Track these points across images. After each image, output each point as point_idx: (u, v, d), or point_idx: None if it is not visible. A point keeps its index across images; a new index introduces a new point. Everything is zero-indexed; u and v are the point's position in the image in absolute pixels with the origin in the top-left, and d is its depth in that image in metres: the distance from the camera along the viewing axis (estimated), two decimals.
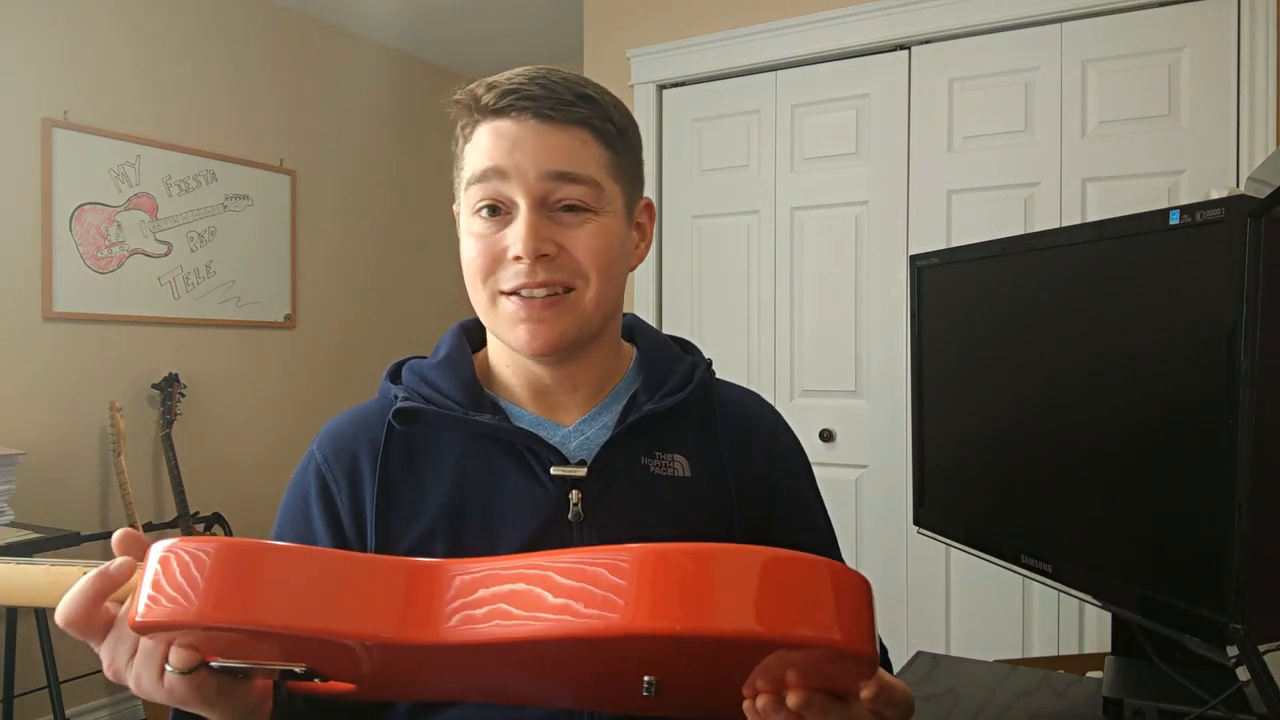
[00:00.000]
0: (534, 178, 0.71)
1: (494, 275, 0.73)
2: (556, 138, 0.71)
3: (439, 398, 0.78)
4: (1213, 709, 0.94)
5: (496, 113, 0.72)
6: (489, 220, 0.73)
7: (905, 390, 2.39)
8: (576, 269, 0.72)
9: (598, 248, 0.73)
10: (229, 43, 3.30)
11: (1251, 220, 0.73)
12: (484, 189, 0.72)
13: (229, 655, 0.56)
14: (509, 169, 0.71)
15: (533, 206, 0.71)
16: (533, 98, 0.71)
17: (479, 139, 0.74)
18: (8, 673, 2.56)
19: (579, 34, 3.14)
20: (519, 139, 0.71)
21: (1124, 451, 0.91)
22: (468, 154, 0.75)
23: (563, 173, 0.71)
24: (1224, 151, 2.19)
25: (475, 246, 0.74)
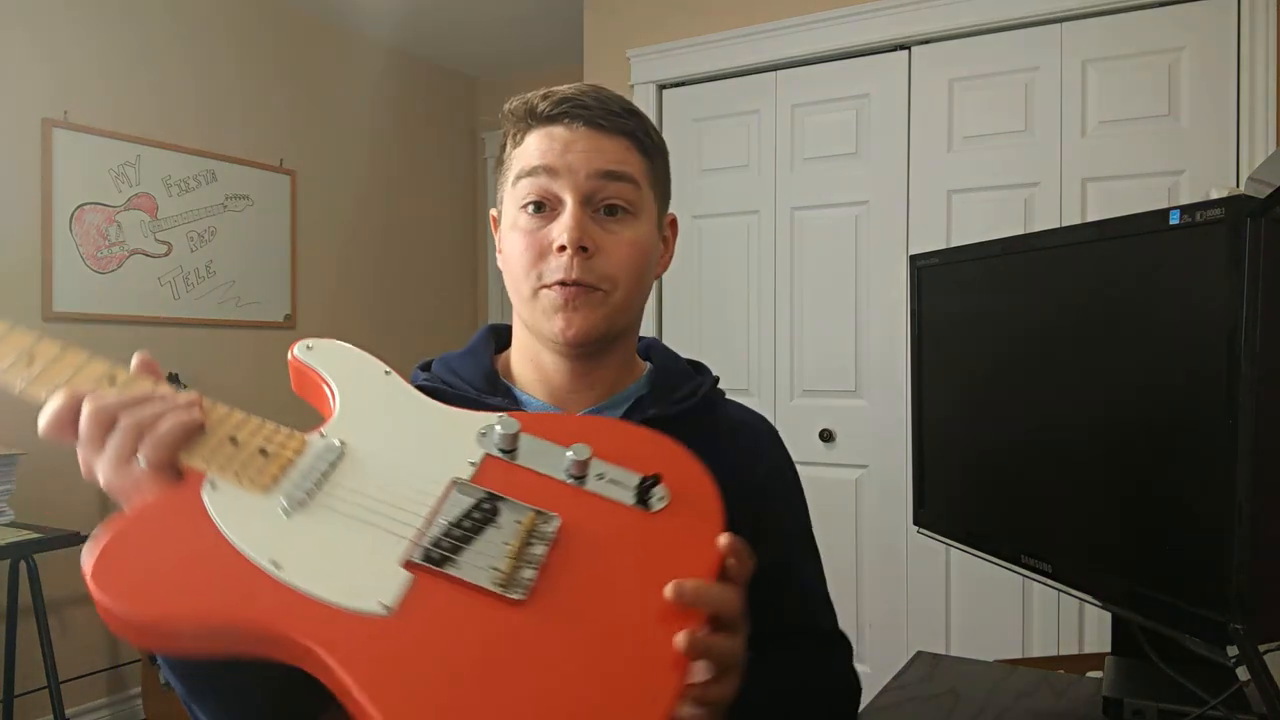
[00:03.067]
0: (584, 176, 0.77)
1: (538, 268, 0.78)
2: (606, 143, 0.78)
3: (458, 382, 0.84)
4: (1213, 709, 0.94)
5: (550, 119, 0.79)
6: (535, 216, 0.78)
7: (905, 390, 2.39)
8: (608, 272, 0.77)
9: (632, 254, 0.79)
10: (229, 43, 3.30)
11: (1251, 220, 0.73)
12: (533, 183, 0.78)
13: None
14: (560, 167, 0.77)
15: (579, 202, 0.77)
16: (586, 107, 0.78)
17: (530, 142, 0.80)
18: (8, 673, 2.56)
19: (579, 34, 3.14)
20: (571, 142, 0.78)
21: (1124, 451, 0.91)
22: (516, 156, 0.81)
23: (611, 171, 0.78)
24: (1224, 151, 2.19)
25: (522, 241, 0.79)
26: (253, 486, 0.62)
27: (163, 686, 2.65)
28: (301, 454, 0.64)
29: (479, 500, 0.64)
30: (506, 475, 0.66)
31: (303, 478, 0.63)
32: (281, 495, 0.62)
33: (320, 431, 0.67)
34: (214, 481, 0.61)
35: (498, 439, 0.67)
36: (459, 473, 0.66)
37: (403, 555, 0.61)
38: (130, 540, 0.58)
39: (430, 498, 0.64)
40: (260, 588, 0.58)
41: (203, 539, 0.59)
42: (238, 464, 0.62)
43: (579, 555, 0.63)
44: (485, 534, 0.62)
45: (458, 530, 0.62)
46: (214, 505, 0.60)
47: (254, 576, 0.58)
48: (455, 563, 0.61)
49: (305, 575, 0.58)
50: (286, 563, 0.59)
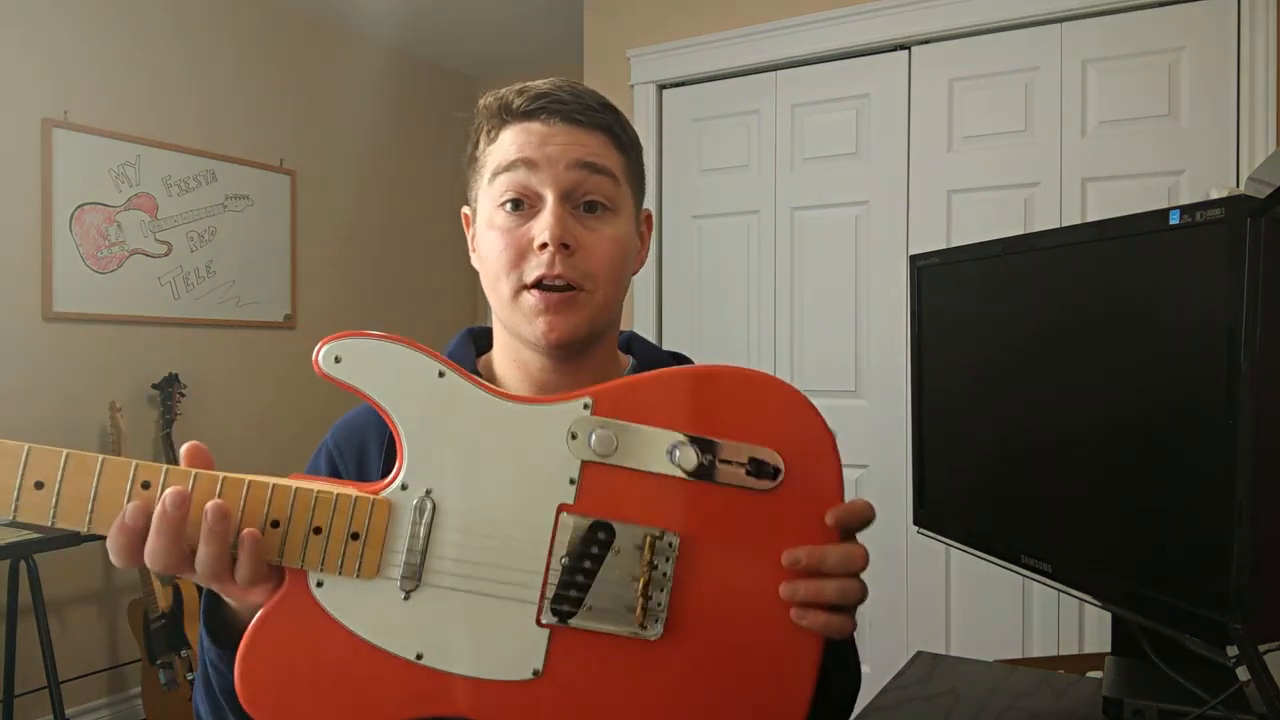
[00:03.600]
0: (564, 167, 0.75)
1: (519, 268, 0.75)
2: (584, 137, 0.77)
3: None
4: (1213, 709, 0.94)
5: (526, 115, 0.77)
6: (513, 214, 0.76)
7: (905, 390, 2.39)
8: (590, 270, 0.76)
9: (612, 252, 0.77)
10: (229, 43, 3.30)
11: (1251, 220, 0.73)
12: (511, 179, 0.76)
13: None
14: (539, 160, 0.75)
15: (559, 198, 0.75)
16: (563, 102, 0.77)
17: (505, 138, 0.78)
18: (8, 673, 2.56)
19: (579, 34, 3.14)
20: (549, 135, 0.76)
21: (1124, 451, 0.91)
22: (491, 153, 0.79)
23: (590, 163, 0.76)
24: (1224, 151, 2.19)
25: (500, 240, 0.76)
26: (360, 574, 0.59)
27: (163, 687, 2.65)
28: (391, 523, 0.60)
29: (592, 528, 0.61)
30: (610, 486, 0.62)
31: (404, 552, 0.60)
32: (395, 577, 0.59)
33: (400, 483, 0.61)
34: (319, 580, 0.59)
35: (594, 443, 0.62)
36: (562, 497, 0.62)
37: (536, 615, 0.60)
38: (268, 660, 0.57)
39: (541, 542, 0.61)
40: (413, 682, 0.58)
41: (336, 643, 0.58)
42: (335, 557, 0.59)
43: (704, 563, 0.62)
44: (607, 566, 0.61)
45: (579, 574, 0.60)
46: (330, 604, 0.59)
47: (403, 672, 0.58)
48: (588, 610, 0.60)
49: (450, 659, 0.59)
50: (427, 650, 0.59)
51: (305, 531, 0.58)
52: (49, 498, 0.56)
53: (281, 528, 0.58)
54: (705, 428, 0.63)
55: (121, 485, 0.57)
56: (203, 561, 0.57)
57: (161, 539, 0.56)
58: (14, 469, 0.56)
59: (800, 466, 0.63)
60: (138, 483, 0.57)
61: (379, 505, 0.60)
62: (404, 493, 0.60)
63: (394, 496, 0.60)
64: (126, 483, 0.57)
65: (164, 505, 0.56)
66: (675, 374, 0.66)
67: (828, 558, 0.62)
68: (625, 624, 0.60)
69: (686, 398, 0.64)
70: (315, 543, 0.58)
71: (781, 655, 0.61)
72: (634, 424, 0.62)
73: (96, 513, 0.56)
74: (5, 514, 0.57)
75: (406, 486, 0.61)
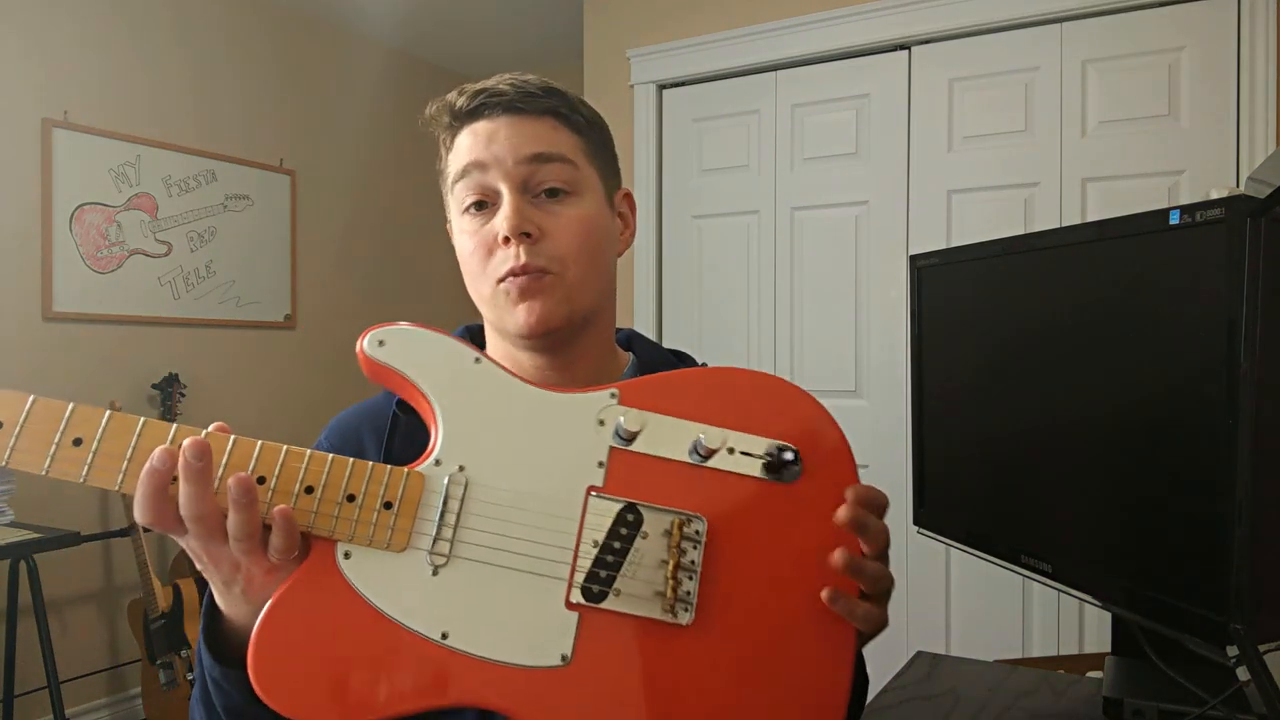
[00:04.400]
0: (512, 163, 0.74)
1: (488, 265, 0.76)
2: (529, 126, 0.76)
3: None
4: (1213, 709, 0.94)
5: (471, 114, 0.77)
6: (477, 215, 0.76)
7: (905, 390, 2.39)
8: (556, 253, 0.75)
9: (579, 232, 0.76)
10: (229, 43, 3.30)
11: (1251, 220, 0.73)
12: (468, 184, 0.76)
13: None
14: (488, 160, 0.75)
15: (515, 190, 0.74)
16: (502, 94, 0.76)
17: (459, 145, 0.78)
18: (8, 673, 2.56)
19: (579, 34, 3.14)
20: (494, 133, 0.75)
21: (1124, 451, 0.91)
22: (450, 161, 0.79)
23: (538, 154, 0.75)
24: (1224, 151, 2.19)
25: (469, 242, 0.77)
26: (390, 546, 0.59)
27: (164, 687, 2.65)
28: (425, 494, 0.60)
29: (621, 511, 0.62)
30: (637, 471, 0.63)
31: (436, 525, 0.59)
32: (423, 551, 0.59)
33: (435, 458, 0.62)
34: (347, 550, 0.58)
35: (619, 429, 0.63)
36: (591, 479, 0.63)
37: (564, 595, 0.59)
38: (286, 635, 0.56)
39: (571, 520, 0.61)
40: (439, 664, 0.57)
41: (359, 620, 0.57)
42: (366, 526, 0.58)
43: (731, 552, 0.62)
44: (636, 549, 0.61)
45: (609, 555, 0.61)
46: (357, 578, 0.58)
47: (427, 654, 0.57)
48: (618, 594, 0.60)
49: (477, 641, 0.58)
50: (454, 630, 0.57)
51: (339, 498, 0.58)
52: (85, 454, 0.56)
53: (315, 493, 0.58)
54: (727, 421, 0.64)
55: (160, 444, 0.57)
56: (235, 525, 0.56)
57: (190, 487, 0.56)
58: (55, 426, 0.56)
59: (818, 462, 0.65)
60: (176, 443, 0.57)
61: (413, 477, 0.60)
62: (437, 468, 0.61)
63: (428, 471, 0.61)
64: (166, 440, 0.57)
65: (185, 454, 0.56)
66: (696, 371, 0.70)
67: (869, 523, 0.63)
68: (655, 609, 0.60)
69: (708, 393, 0.66)
70: (348, 510, 0.58)
71: (816, 644, 0.61)
72: (659, 414, 0.64)
73: (130, 472, 0.56)
74: (38, 469, 0.56)
75: (440, 462, 0.61)
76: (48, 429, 0.56)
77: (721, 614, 0.61)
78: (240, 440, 0.58)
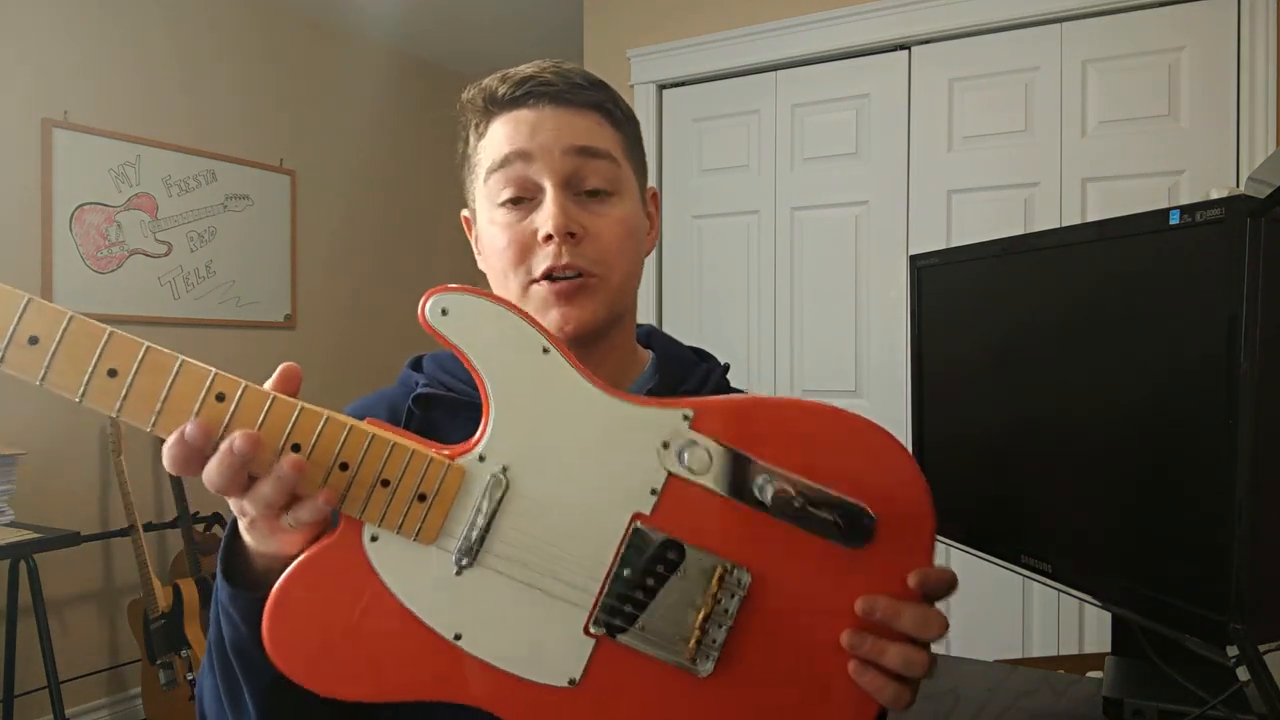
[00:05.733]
0: (559, 154, 0.72)
1: (525, 263, 0.73)
2: (576, 119, 0.73)
3: (457, 384, 0.78)
4: (1213, 709, 0.94)
5: (513, 103, 0.74)
6: (514, 209, 0.73)
7: (905, 390, 2.39)
8: (599, 256, 0.73)
9: (620, 235, 0.74)
10: (229, 43, 3.30)
11: (1251, 220, 0.73)
12: (508, 174, 0.73)
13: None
14: (533, 150, 0.72)
15: (559, 186, 0.72)
16: (549, 83, 0.73)
17: (495, 132, 0.74)
18: (8, 673, 2.56)
19: (579, 34, 3.14)
20: (539, 123, 0.72)
21: (1124, 451, 0.91)
22: (483, 148, 0.76)
23: (586, 148, 0.72)
24: (1224, 151, 2.19)
25: (504, 236, 0.73)
26: (417, 538, 0.57)
27: (164, 687, 2.65)
28: (461, 492, 0.57)
29: (663, 545, 0.58)
30: (690, 506, 0.58)
31: (469, 525, 0.57)
32: (451, 549, 0.57)
33: (479, 453, 0.58)
34: (375, 533, 0.57)
35: (687, 460, 0.59)
36: (639, 506, 0.58)
37: (585, 621, 0.58)
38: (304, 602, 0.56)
39: (609, 547, 0.58)
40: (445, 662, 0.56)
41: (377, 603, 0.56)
42: (397, 514, 0.57)
43: (769, 608, 0.58)
44: (669, 588, 0.58)
45: (639, 592, 0.58)
46: (381, 563, 0.57)
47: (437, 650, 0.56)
48: (639, 630, 0.57)
49: (488, 648, 0.57)
50: (468, 633, 0.57)
51: (373, 481, 0.56)
52: (120, 387, 0.53)
53: (350, 471, 0.56)
54: (805, 468, 0.59)
55: (195, 392, 0.54)
56: (261, 496, 0.55)
57: (222, 470, 0.54)
58: (91, 352, 0.53)
59: (893, 526, 0.59)
60: (212, 393, 0.54)
61: (453, 471, 0.57)
62: (480, 464, 0.58)
63: (470, 465, 0.58)
64: (201, 390, 0.54)
65: (231, 444, 0.54)
66: (784, 403, 0.63)
67: (903, 614, 0.58)
68: (676, 654, 0.57)
69: (792, 430, 0.60)
70: (380, 495, 0.56)
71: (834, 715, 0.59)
72: (732, 447, 0.59)
73: (164, 415, 0.54)
74: (73, 395, 0.53)
75: (484, 458, 0.58)
76: (83, 356, 0.53)
77: (743, 669, 0.58)
78: (280, 400, 0.56)
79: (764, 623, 0.58)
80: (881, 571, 0.59)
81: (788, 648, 0.58)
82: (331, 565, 0.56)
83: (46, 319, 0.52)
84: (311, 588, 0.56)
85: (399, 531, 0.56)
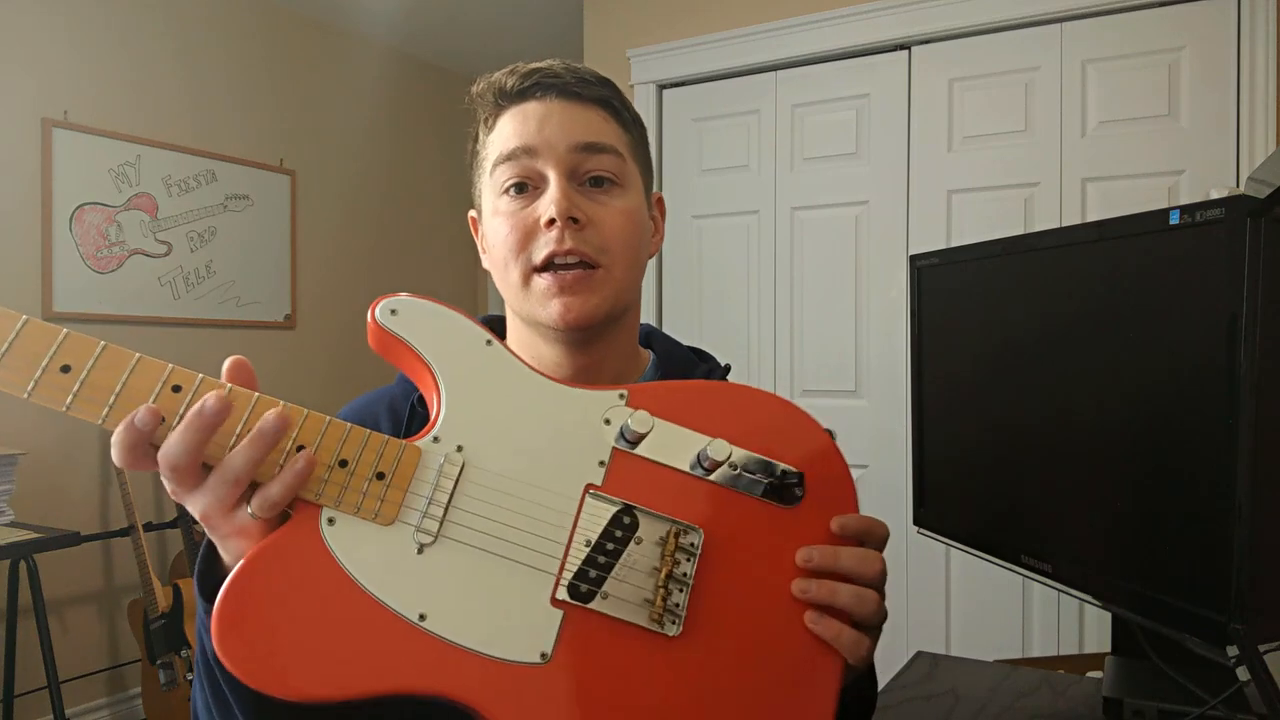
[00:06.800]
0: (564, 149, 0.72)
1: (526, 250, 0.72)
2: (582, 113, 0.74)
3: None
4: (1213, 709, 0.94)
5: (521, 95, 0.74)
6: (517, 198, 0.73)
7: (905, 390, 2.39)
8: (603, 244, 0.72)
9: (625, 224, 0.74)
10: (229, 43, 3.30)
11: (1251, 220, 0.73)
12: (513, 166, 0.73)
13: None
14: (539, 145, 0.72)
15: (563, 175, 0.72)
16: (557, 75, 0.74)
17: (503, 125, 0.75)
18: (8, 673, 2.56)
19: (579, 34, 3.14)
20: (546, 116, 0.73)
21: (1124, 451, 0.91)
22: (491, 142, 0.76)
23: (591, 143, 0.73)
24: (1224, 151, 2.19)
25: (506, 224, 0.73)
26: (377, 518, 0.56)
27: (163, 687, 2.65)
28: (419, 470, 0.58)
29: (617, 513, 0.61)
30: (637, 475, 0.62)
31: (428, 501, 0.57)
32: (410, 527, 0.56)
33: (433, 435, 0.60)
34: (332, 516, 0.56)
35: (625, 430, 0.62)
36: (590, 477, 0.61)
37: (550, 591, 0.58)
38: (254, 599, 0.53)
39: (566, 515, 0.60)
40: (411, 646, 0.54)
41: (335, 591, 0.54)
42: (356, 494, 0.56)
43: (724, 568, 0.61)
44: (628, 554, 0.60)
45: (601, 555, 0.59)
46: (338, 546, 0.55)
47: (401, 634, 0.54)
48: (605, 596, 0.58)
49: (455, 627, 0.55)
50: (432, 612, 0.55)
51: (331, 462, 0.56)
52: (72, 382, 0.53)
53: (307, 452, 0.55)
54: (735, 438, 0.63)
55: (151, 385, 0.54)
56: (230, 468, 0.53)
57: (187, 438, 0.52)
58: (46, 349, 0.53)
59: (820, 490, 0.64)
60: (169, 385, 0.54)
61: (409, 450, 0.58)
62: (435, 444, 0.59)
63: (425, 446, 0.59)
64: (157, 383, 0.54)
65: (203, 405, 0.53)
66: (710, 384, 0.70)
67: (840, 555, 0.62)
68: (642, 616, 0.59)
69: (719, 408, 0.65)
70: (338, 475, 0.56)
71: (801, 668, 0.60)
72: (666, 421, 0.63)
73: (117, 407, 0.53)
74: (20, 392, 0.52)
75: (439, 440, 0.59)
76: (37, 350, 0.53)
77: (708, 629, 0.60)
78: (238, 390, 0.56)
79: (721, 584, 0.61)
80: (816, 526, 0.64)
81: (747, 606, 0.61)
82: (285, 554, 0.54)
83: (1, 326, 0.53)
84: (265, 580, 0.53)
85: (358, 513, 0.56)
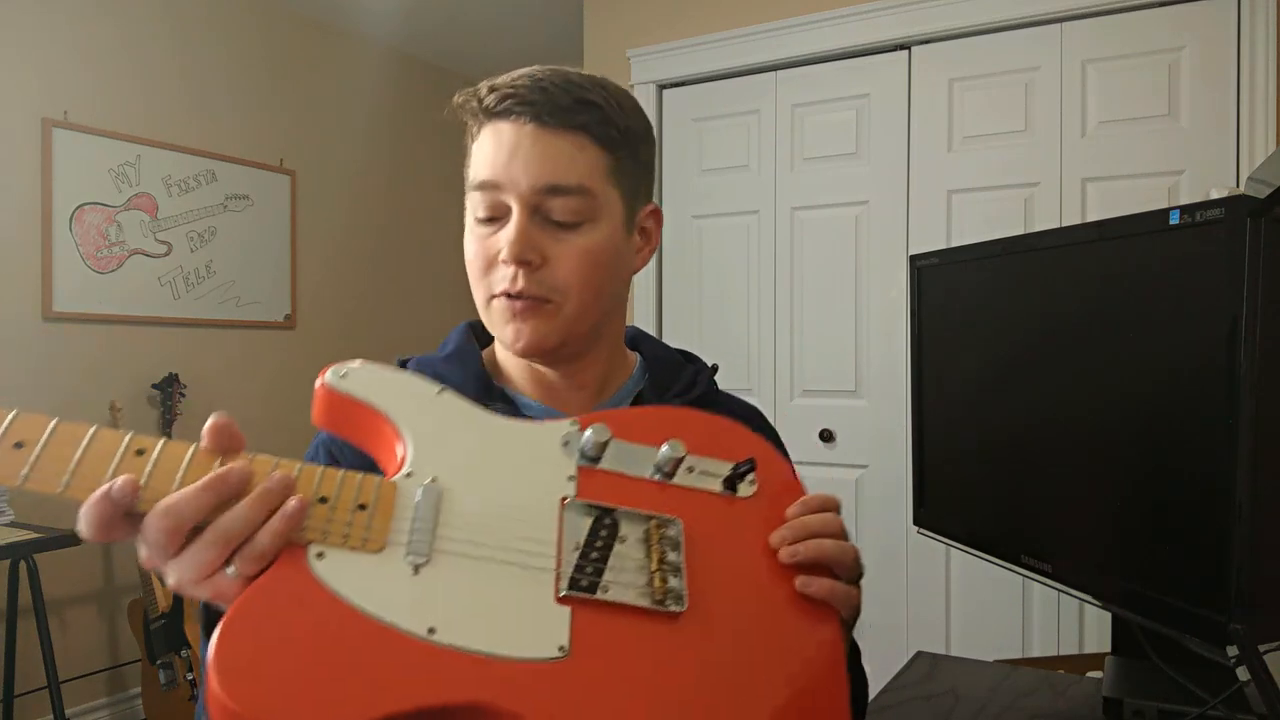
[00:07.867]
0: (527, 189, 0.72)
1: (487, 278, 0.75)
2: (553, 144, 0.72)
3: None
4: (1213, 709, 0.94)
5: (498, 114, 0.74)
6: (485, 224, 0.75)
7: (905, 390, 2.39)
8: (556, 284, 0.73)
9: (583, 264, 0.74)
10: (229, 43, 3.30)
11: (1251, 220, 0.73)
12: (482, 197, 0.74)
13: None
14: (504, 182, 0.73)
15: (525, 211, 0.73)
16: (530, 102, 0.72)
17: (483, 140, 0.75)
18: (8, 673, 2.56)
19: (579, 34, 3.14)
20: (515, 147, 0.72)
21: (1124, 451, 0.91)
22: (474, 155, 0.77)
23: (555, 185, 0.72)
24: (1224, 151, 2.19)
25: (473, 248, 0.76)
26: (366, 547, 0.55)
27: (163, 687, 2.65)
28: (400, 497, 0.58)
29: (597, 517, 0.62)
30: (606, 485, 0.65)
31: (414, 527, 0.57)
32: (402, 548, 0.56)
33: (406, 472, 0.60)
34: (320, 551, 0.54)
35: (586, 447, 0.65)
36: (563, 491, 0.63)
37: (553, 589, 0.58)
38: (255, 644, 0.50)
39: (549, 527, 0.60)
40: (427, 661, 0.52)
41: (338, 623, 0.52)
42: (341, 525, 0.55)
43: (707, 552, 0.64)
44: (617, 551, 0.61)
45: (592, 553, 0.60)
46: (332, 579, 0.53)
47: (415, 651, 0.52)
48: (605, 587, 0.59)
49: (466, 635, 0.54)
50: (441, 625, 0.53)
51: (312, 499, 0.55)
52: (27, 455, 0.52)
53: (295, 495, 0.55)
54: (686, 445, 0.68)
55: (112, 449, 0.53)
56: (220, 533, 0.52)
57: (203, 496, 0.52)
58: None
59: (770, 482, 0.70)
60: (132, 449, 0.53)
61: (386, 485, 0.58)
62: (409, 479, 0.59)
63: (400, 482, 0.59)
64: (119, 448, 0.53)
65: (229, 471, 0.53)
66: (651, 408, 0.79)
67: (809, 523, 0.67)
68: (645, 601, 0.60)
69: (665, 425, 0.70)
70: (320, 511, 0.55)
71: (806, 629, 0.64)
72: (618, 437, 0.67)
73: (78, 475, 0.52)
74: None
75: (412, 474, 0.60)
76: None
77: (712, 603, 0.62)
78: (201, 450, 0.56)
79: (710, 567, 0.63)
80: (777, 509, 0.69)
81: (740, 584, 0.64)
82: (277, 593, 0.52)
83: None
84: (260, 621, 0.51)
85: (346, 543, 0.55)
